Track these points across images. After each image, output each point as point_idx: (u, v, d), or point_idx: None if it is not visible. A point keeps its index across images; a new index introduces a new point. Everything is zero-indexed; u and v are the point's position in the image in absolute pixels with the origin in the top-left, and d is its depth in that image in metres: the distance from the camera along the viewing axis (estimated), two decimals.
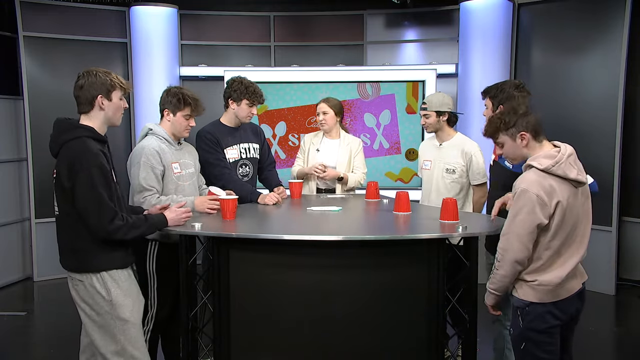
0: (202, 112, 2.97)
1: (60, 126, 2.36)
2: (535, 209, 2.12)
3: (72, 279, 2.36)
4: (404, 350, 2.57)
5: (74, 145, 2.28)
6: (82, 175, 2.22)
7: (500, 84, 2.94)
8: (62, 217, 2.34)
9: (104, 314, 2.32)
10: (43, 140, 5.15)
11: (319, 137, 3.85)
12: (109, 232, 2.26)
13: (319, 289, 2.53)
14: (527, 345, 2.21)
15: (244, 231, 2.63)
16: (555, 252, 2.18)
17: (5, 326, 4.29)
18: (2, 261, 5.20)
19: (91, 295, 2.32)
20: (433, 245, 2.53)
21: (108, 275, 2.32)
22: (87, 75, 2.36)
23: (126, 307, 2.35)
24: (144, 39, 5.47)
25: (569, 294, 2.20)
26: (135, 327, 2.39)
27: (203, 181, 3.21)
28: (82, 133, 2.31)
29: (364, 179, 3.83)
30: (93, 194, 2.23)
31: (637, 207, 5.02)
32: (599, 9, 4.83)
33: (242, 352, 2.63)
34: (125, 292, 2.36)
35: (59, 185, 2.29)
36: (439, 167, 3.39)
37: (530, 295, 2.20)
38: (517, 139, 2.25)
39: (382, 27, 5.95)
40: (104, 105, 2.36)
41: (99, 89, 2.34)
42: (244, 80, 3.35)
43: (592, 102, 4.88)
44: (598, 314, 4.41)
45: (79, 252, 2.31)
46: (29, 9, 5.22)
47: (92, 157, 2.25)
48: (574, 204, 2.18)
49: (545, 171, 2.14)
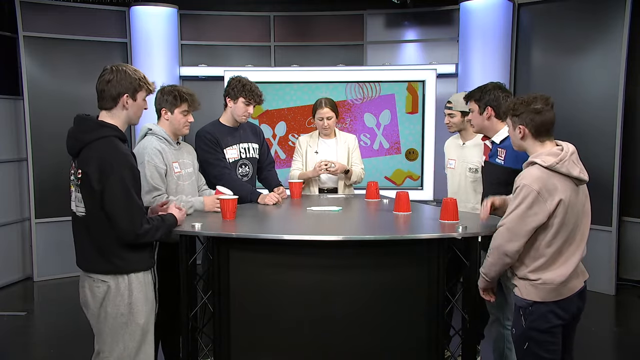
0: (198, 107, 2.96)
1: (84, 124, 2.25)
2: (534, 204, 2.12)
3: (93, 279, 2.28)
4: (404, 350, 2.57)
5: (102, 146, 2.19)
6: (114, 178, 2.16)
7: (483, 87, 2.91)
8: (89, 218, 2.25)
9: (118, 317, 2.28)
10: (43, 140, 5.25)
11: (314, 138, 3.84)
12: (138, 235, 2.22)
13: (319, 289, 2.53)
14: (529, 345, 2.21)
15: (244, 231, 2.63)
16: (557, 250, 2.18)
17: (5, 326, 4.29)
18: (2, 261, 5.20)
19: (112, 297, 2.26)
20: (433, 245, 2.53)
21: (135, 277, 2.29)
22: (116, 71, 2.26)
23: (142, 312, 2.31)
24: (144, 39, 5.47)
25: (571, 292, 2.21)
26: (146, 334, 2.35)
27: (203, 181, 3.21)
28: (109, 133, 2.23)
29: (363, 174, 3.85)
30: (126, 197, 2.18)
31: (637, 207, 5.02)
32: (599, 9, 4.83)
33: (242, 352, 2.63)
34: (145, 296, 2.33)
35: (86, 186, 2.20)
36: (462, 166, 3.46)
37: (533, 295, 2.20)
38: (516, 129, 2.26)
39: (382, 27, 5.95)
40: (128, 105, 2.28)
41: (126, 88, 2.26)
42: (242, 80, 3.36)
43: (592, 102, 4.88)
44: (598, 314, 4.40)
45: (107, 253, 2.24)
46: (29, 9, 5.21)
47: (123, 159, 2.19)
48: (576, 202, 2.18)
49: (549, 169, 2.14)
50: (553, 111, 2.25)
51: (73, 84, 5.41)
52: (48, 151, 5.24)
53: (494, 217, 2.71)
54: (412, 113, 5.27)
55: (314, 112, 3.78)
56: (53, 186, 5.11)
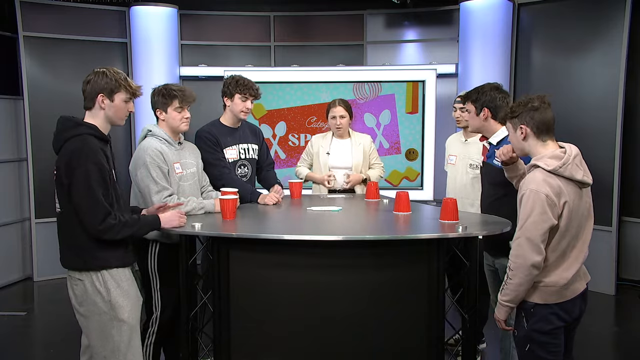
0: (192, 101, 2.95)
1: (64, 124, 2.36)
2: (546, 209, 2.08)
3: (72, 278, 2.35)
4: (404, 350, 2.57)
5: (75, 142, 2.28)
6: (79, 172, 2.22)
7: (479, 88, 2.92)
8: (62, 215, 2.33)
9: (102, 314, 2.31)
10: (43, 140, 5.24)
11: (328, 139, 3.85)
12: (99, 231, 2.25)
13: (319, 289, 2.53)
14: (531, 346, 2.20)
15: (244, 231, 2.63)
16: (562, 253, 2.16)
17: (5, 326, 4.29)
18: (2, 261, 5.20)
19: (90, 295, 2.31)
20: (433, 245, 2.53)
21: (108, 274, 2.32)
22: (95, 74, 2.36)
23: (124, 308, 2.34)
24: (144, 39, 5.47)
25: (574, 295, 2.19)
26: (132, 329, 2.37)
27: (207, 181, 3.20)
28: (84, 131, 2.31)
29: (383, 172, 3.92)
30: (87, 191, 2.23)
31: (637, 207, 5.02)
32: (599, 9, 4.83)
33: (242, 352, 2.62)
34: (124, 292, 2.35)
35: (59, 182, 2.30)
36: (463, 162, 3.50)
37: (536, 297, 2.18)
38: (517, 130, 2.24)
39: (382, 27, 5.95)
40: (104, 105, 2.35)
41: (102, 88, 2.34)
42: (236, 77, 3.37)
43: (592, 102, 4.87)
44: (598, 314, 4.41)
45: (79, 250, 2.30)
46: (29, 9, 5.21)
47: (90, 154, 2.25)
48: (579, 205, 2.16)
49: (552, 172, 2.12)
50: (551, 109, 2.23)
51: (73, 84, 5.35)
52: (48, 151, 5.13)
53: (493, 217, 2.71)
54: (412, 113, 5.28)
55: (327, 112, 3.81)
56: (53, 186, 5.09)
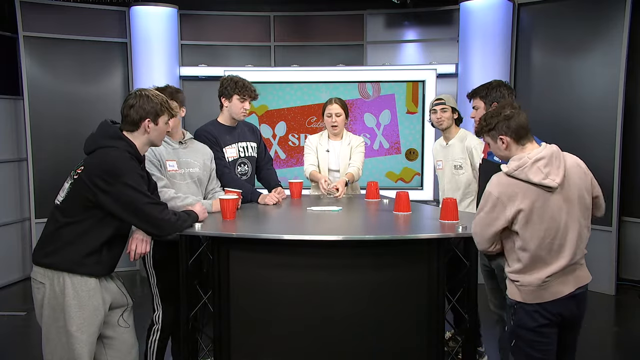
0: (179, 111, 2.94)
1: (105, 130, 2.36)
2: (494, 209, 2.16)
3: (35, 281, 2.30)
4: (404, 350, 2.57)
5: (112, 152, 2.28)
6: (128, 178, 2.25)
7: (487, 84, 2.93)
8: (59, 208, 2.29)
9: (54, 321, 2.26)
10: (43, 140, 5.25)
11: (324, 138, 3.84)
12: (161, 221, 2.33)
13: (319, 289, 2.53)
14: (517, 342, 2.23)
15: (244, 231, 2.63)
16: (534, 256, 2.16)
17: (5, 326, 4.29)
18: (2, 261, 5.20)
19: (49, 300, 2.26)
20: (433, 245, 2.53)
21: (70, 280, 2.25)
22: (139, 97, 2.36)
23: (74, 320, 2.25)
24: (144, 39, 5.47)
25: (554, 297, 2.18)
26: (81, 344, 2.26)
27: (216, 185, 3.18)
28: (122, 146, 2.32)
29: (358, 174, 3.71)
30: (139, 194, 2.27)
31: (637, 207, 5.02)
32: (599, 9, 4.83)
33: (242, 352, 2.62)
34: (79, 303, 2.26)
35: (86, 182, 2.24)
36: (448, 165, 3.56)
37: (516, 295, 2.22)
38: (498, 141, 2.25)
39: (382, 27, 5.95)
40: (149, 129, 2.38)
41: (147, 112, 2.35)
42: (234, 77, 3.37)
43: (592, 102, 4.87)
44: (598, 314, 4.41)
45: (55, 246, 2.26)
46: (29, 9, 5.21)
47: (130, 164, 2.29)
48: (546, 208, 2.13)
49: (508, 174, 2.16)
50: (524, 112, 2.24)
51: (73, 84, 5.41)
52: (48, 151, 5.24)
53: None
54: (412, 113, 5.28)
55: (323, 110, 3.78)
56: (53, 186, 5.03)
